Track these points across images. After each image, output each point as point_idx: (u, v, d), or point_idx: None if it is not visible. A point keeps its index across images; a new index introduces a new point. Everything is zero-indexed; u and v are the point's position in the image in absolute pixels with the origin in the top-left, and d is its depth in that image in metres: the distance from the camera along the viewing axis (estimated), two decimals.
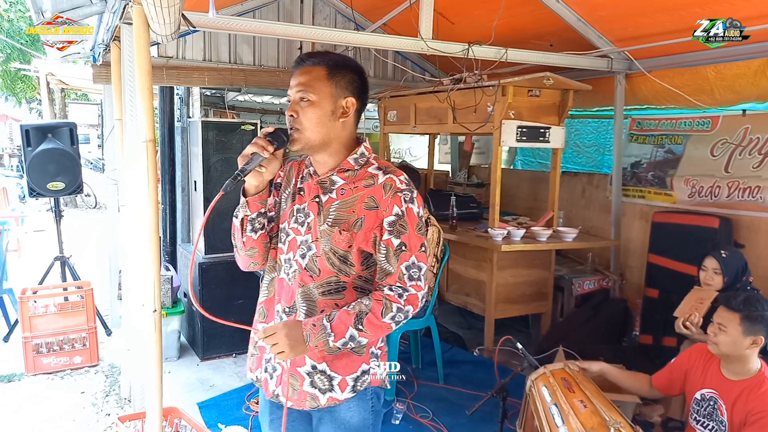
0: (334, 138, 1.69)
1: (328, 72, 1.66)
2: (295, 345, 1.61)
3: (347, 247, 1.66)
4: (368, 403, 1.76)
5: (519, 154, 6.88)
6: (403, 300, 1.63)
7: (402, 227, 1.64)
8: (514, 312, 4.63)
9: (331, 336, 1.60)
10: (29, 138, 4.53)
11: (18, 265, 6.58)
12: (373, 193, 1.65)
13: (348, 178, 1.70)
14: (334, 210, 1.68)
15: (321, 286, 1.69)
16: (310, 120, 1.65)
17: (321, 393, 1.71)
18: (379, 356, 1.78)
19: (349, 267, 1.68)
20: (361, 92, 1.72)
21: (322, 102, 1.64)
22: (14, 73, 16.08)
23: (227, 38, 5.08)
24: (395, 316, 1.63)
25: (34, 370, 4.15)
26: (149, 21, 2.10)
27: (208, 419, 3.49)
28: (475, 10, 4.42)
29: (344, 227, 1.66)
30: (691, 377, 2.62)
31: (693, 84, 3.97)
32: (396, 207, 1.63)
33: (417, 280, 1.65)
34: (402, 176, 1.68)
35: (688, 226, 4.10)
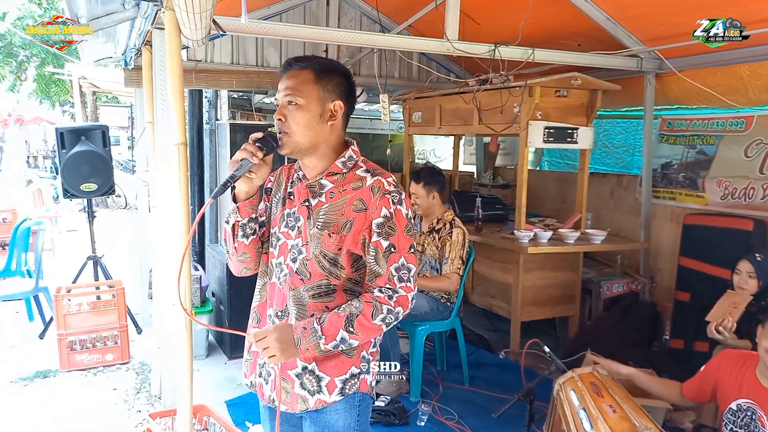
0: (322, 141, 1.70)
1: (316, 76, 1.67)
2: (286, 348, 1.62)
3: (337, 249, 1.67)
4: (355, 410, 1.75)
5: (546, 155, 6.81)
6: (393, 301, 1.63)
7: (391, 229, 1.64)
8: (540, 315, 4.58)
9: (321, 339, 1.60)
10: (64, 140, 4.64)
11: (52, 264, 6.75)
12: (362, 195, 1.66)
13: (337, 182, 1.71)
14: (323, 213, 1.69)
15: (311, 289, 1.70)
16: (298, 123, 1.66)
17: (310, 395, 1.72)
18: (370, 362, 1.78)
19: (339, 270, 1.69)
20: (348, 95, 1.73)
21: (309, 105, 1.66)
22: (48, 77, 16.51)
23: (254, 42, 5.13)
24: (385, 318, 1.63)
25: (69, 366, 4.25)
26: (181, 26, 2.14)
27: (235, 417, 3.54)
28: (501, 10, 4.40)
29: (333, 230, 1.67)
30: (723, 386, 2.53)
31: (726, 83, 3.89)
32: (384, 209, 1.64)
33: (407, 281, 1.66)
34: (390, 178, 1.69)
35: (720, 228, 4.02)
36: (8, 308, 5.38)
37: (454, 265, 3.73)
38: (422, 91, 5.43)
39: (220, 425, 2.83)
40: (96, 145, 4.73)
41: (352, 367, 1.72)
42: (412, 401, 3.73)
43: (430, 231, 3.91)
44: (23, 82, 17.44)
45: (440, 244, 3.83)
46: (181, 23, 2.09)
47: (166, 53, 2.18)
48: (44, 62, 16.20)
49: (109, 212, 12.29)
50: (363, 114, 7.56)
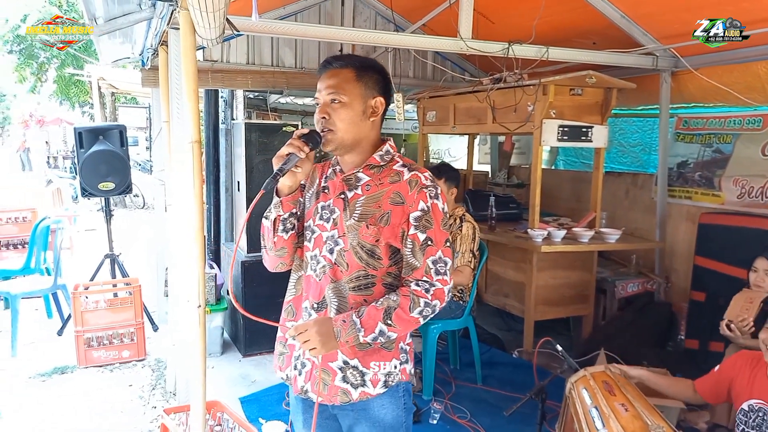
0: (364, 137, 1.74)
1: (357, 73, 1.71)
2: (327, 341, 1.65)
3: (374, 241, 1.70)
4: (400, 400, 1.79)
5: (561, 154, 6.78)
6: (430, 294, 1.66)
7: (428, 222, 1.67)
8: (554, 314, 4.57)
9: (361, 331, 1.64)
10: (82, 140, 4.71)
11: (71, 263, 6.85)
12: (399, 189, 1.69)
13: (373, 175, 1.74)
14: (360, 205, 1.72)
15: (351, 281, 1.72)
16: (342, 121, 1.70)
17: (353, 388, 1.74)
18: (407, 352, 1.82)
19: (377, 261, 1.71)
20: (386, 92, 1.77)
21: (353, 103, 1.70)
22: (68, 78, 16.76)
23: (269, 42, 5.17)
24: (423, 311, 1.66)
25: (86, 362, 4.31)
26: (195, 26, 2.16)
27: (249, 414, 3.57)
28: (515, 9, 4.39)
29: (371, 222, 1.69)
30: (737, 386, 2.52)
31: (743, 81, 3.85)
32: (422, 202, 1.67)
33: (443, 274, 1.69)
34: (426, 173, 1.72)
35: (737, 227, 3.98)
36: (28, 305, 5.47)
37: (465, 258, 3.73)
38: (436, 91, 5.44)
39: (233, 421, 2.87)
40: (114, 144, 4.79)
41: (393, 359, 1.76)
42: (425, 399, 3.74)
43: None
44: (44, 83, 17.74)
45: (451, 239, 3.83)
46: (195, 23, 2.12)
47: (181, 52, 2.21)
48: (64, 64, 16.47)
49: (128, 212, 12.44)
50: None
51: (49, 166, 18.81)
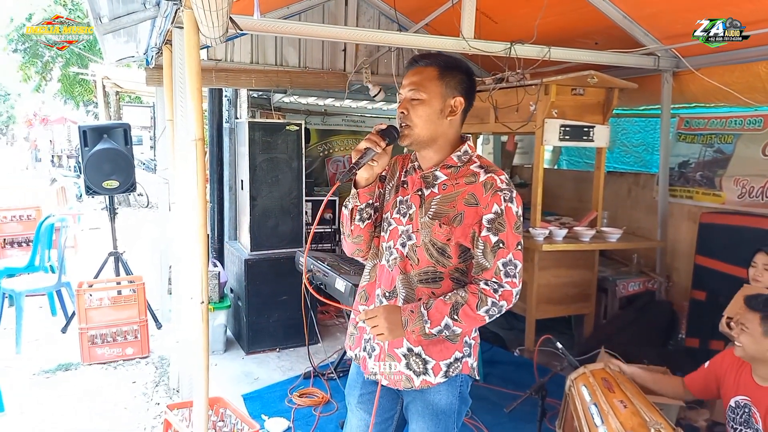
0: (440, 135, 1.79)
1: (440, 72, 1.76)
2: (394, 328, 1.73)
3: (446, 240, 1.74)
4: (457, 389, 1.84)
5: (564, 154, 6.79)
6: (498, 295, 1.70)
7: (500, 225, 1.70)
8: (555, 313, 4.58)
9: (427, 323, 1.70)
10: (86, 138, 4.74)
11: (75, 261, 6.88)
12: (474, 190, 1.73)
13: (450, 175, 1.79)
14: (435, 204, 1.77)
15: (419, 274, 1.79)
16: (420, 117, 1.75)
17: (415, 375, 1.81)
18: (472, 346, 1.86)
19: (447, 259, 1.76)
20: (469, 92, 1.80)
21: (431, 100, 1.75)
22: (73, 77, 16.83)
23: (273, 41, 5.19)
24: (489, 310, 1.71)
25: (89, 359, 4.34)
26: (199, 24, 2.19)
27: (252, 410, 3.60)
28: (518, 9, 4.41)
29: (444, 221, 1.74)
30: (725, 384, 2.57)
31: (744, 81, 3.85)
32: (496, 205, 1.70)
33: (512, 276, 1.72)
34: (503, 176, 1.74)
35: (737, 227, 3.99)
36: (32, 303, 5.50)
37: None
38: None
39: (235, 417, 2.89)
40: (118, 142, 4.82)
41: (456, 351, 1.81)
42: None
43: None
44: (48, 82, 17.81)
45: None
46: (199, 21, 2.14)
47: (185, 51, 2.23)
48: (69, 63, 16.54)
49: (132, 210, 12.48)
50: (382, 113, 7.61)
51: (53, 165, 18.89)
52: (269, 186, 4.52)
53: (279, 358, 4.44)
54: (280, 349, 4.55)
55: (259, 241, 4.55)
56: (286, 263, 4.46)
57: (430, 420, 1.84)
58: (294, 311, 4.43)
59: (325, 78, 5.35)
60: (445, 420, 1.84)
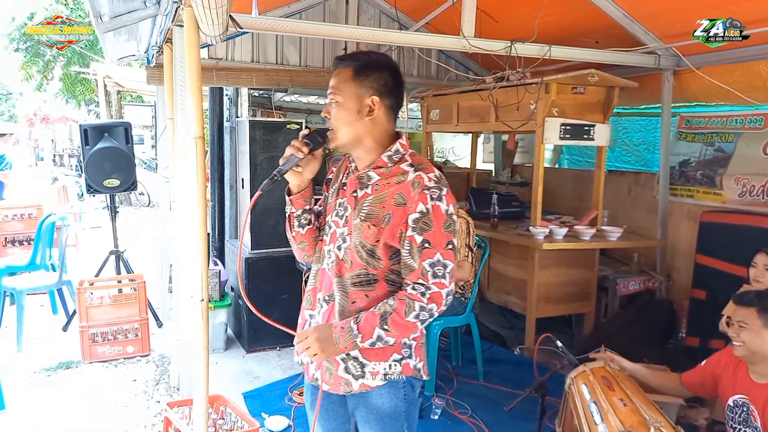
0: (365, 135, 1.75)
1: (354, 73, 1.73)
2: (326, 347, 1.72)
3: (374, 241, 1.71)
4: (400, 392, 1.80)
5: (565, 153, 6.79)
6: (426, 298, 1.66)
7: (426, 224, 1.66)
8: (555, 311, 4.58)
9: (358, 337, 1.68)
10: (87, 137, 4.75)
11: (76, 260, 6.89)
12: (402, 189, 1.69)
13: (383, 174, 1.75)
14: (367, 205, 1.74)
15: (353, 277, 1.76)
16: (338, 120, 1.74)
17: (354, 379, 1.78)
18: (413, 347, 1.81)
19: (377, 261, 1.73)
20: (389, 89, 1.76)
21: (347, 102, 1.73)
22: (74, 76, 16.84)
23: (274, 40, 5.20)
24: (419, 315, 1.66)
25: (90, 358, 4.35)
26: (199, 22, 2.19)
27: (252, 409, 3.60)
28: (519, 8, 4.41)
29: (374, 222, 1.71)
30: (722, 383, 2.57)
31: (744, 80, 3.86)
32: (421, 204, 1.66)
33: (441, 277, 1.66)
34: (432, 174, 1.70)
35: (738, 226, 3.99)
36: (33, 301, 5.51)
37: (460, 253, 3.75)
38: (439, 89, 5.46)
39: (236, 415, 2.90)
40: (119, 141, 4.83)
41: (394, 353, 1.77)
42: (427, 395, 3.76)
43: None
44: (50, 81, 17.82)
45: None
46: (199, 19, 2.15)
47: (185, 49, 2.23)
48: (70, 62, 16.55)
49: (133, 209, 12.49)
50: None
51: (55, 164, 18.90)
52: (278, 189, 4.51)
53: (279, 357, 4.45)
54: (280, 348, 4.56)
55: (260, 239, 4.55)
56: (286, 262, 4.46)
57: (376, 425, 1.82)
58: (294, 310, 4.34)
59: (326, 77, 5.26)
60: (392, 424, 1.81)
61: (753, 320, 2.38)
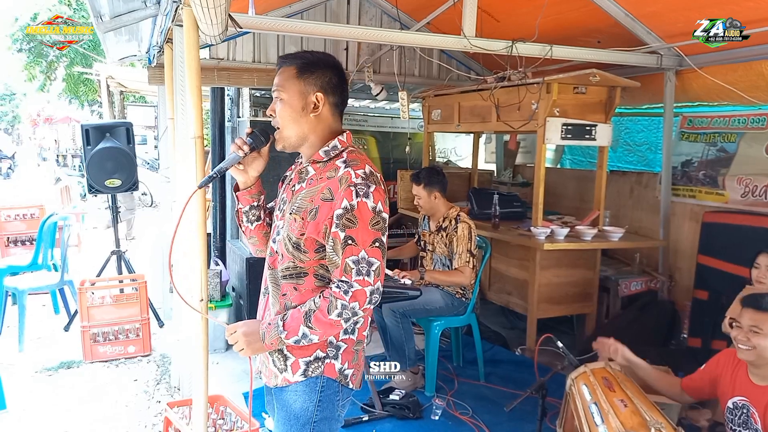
0: (309, 132, 1.76)
1: (298, 70, 1.73)
2: (252, 342, 1.73)
3: (299, 234, 1.70)
4: (315, 394, 1.76)
5: (567, 154, 6.77)
6: (348, 296, 1.63)
7: (350, 221, 1.63)
8: (557, 312, 4.57)
9: (283, 333, 1.67)
10: (89, 137, 4.76)
11: (78, 260, 6.90)
12: (331, 185, 1.68)
13: (318, 170, 1.76)
14: (300, 198, 1.74)
15: (283, 270, 1.76)
16: (283, 118, 1.75)
17: (279, 372, 1.78)
18: (340, 350, 1.77)
19: (303, 254, 1.71)
20: (333, 86, 1.77)
21: (291, 100, 1.73)
22: (77, 76, 16.87)
23: (275, 40, 5.19)
24: (342, 313, 1.64)
25: (92, 357, 4.35)
26: (198, 22, 2.19)
27: (253, 408, 3.58)
28: (520, 7, 4.40)
29: (302, 215, 1.70)
30: (721, 385, 2.54)
31: (747, 80, 3.83)
32: (346, 200, 1.63)
33: (365, 275, 1.63)
34: (361, 170, 1.67)
35: (740, 226, 3.97)
36: (35, 301, 5.52)
37: (462, 258, 3.75)
38: (440, 89, 5.45)
39: (236, 415, 2.90)
40: (120, 141, 4.83)
41: (317, 350, 1.75)
42: (427, 396, 3.76)
43: (438, 230, 3.95)
44: (53, 82, 17.85)
45: (448, 241, 3.86)
46: (198, 19, 2.14)
47: (185, 48, 2.23)
48: (73, 62, 16.58)
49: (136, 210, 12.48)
50: (384, 112, 7.60)
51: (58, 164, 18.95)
52: (271, 185, 4.50)
53: None
54: None
55: None
56: None
57: (283, 423, 1.80)
58: None
59: None
60: (297, 426, 1.76)
61: None
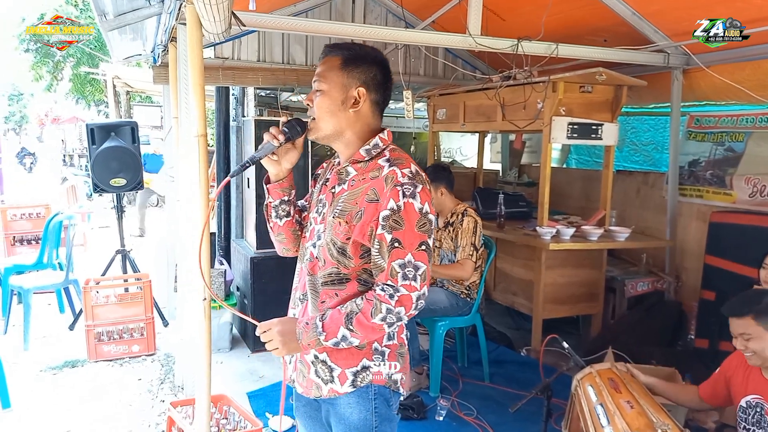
0: (346, 127, 1.69)
1: (343, 62, 1.67)
2: (288, 342, 1.64)
3: (345, 239, 1.63)
4: (370, 403, 1.70)
5: (573, 153, 6.74)
6: (393, 301, 1.55)
7: (396, 222, 1.56)
8: (562, 312, 4.54)
9: (322, 335, 1.59)
10: (94, 136, 4.76)
11: (83, 259, 6.92)
12: (376, 185, 1.60)
13: (360, 170, 1.68)
14: (342, 201, 1.66)
15: (324, 276, 1.68)
16: (321, 109, 1.67)
17: (323, 383, 1.71)
18: (385, 355, 1.71)
19: (348, 259, 1.65)
20: (377, 83, 1.69)
21: (332, 91, 1.66)
22: (83, 76, 16.94)
23: (280, 39, 5.19)
24: (386, 318, 1.56)
25: (96, 357, 4.35)
26: (201, 19, 2.18)
27: (256, 408, 3.59)
28: (525, 5, 4.38)
29: (347, 219, 1.62)
30: (734, 384, 2.52)
31: (755, 79, 3.79)
32: (392, 201, 1.56)
33: (412, 279, 1.56)
34: (407, 169, 1.60)
35: (748, 226, 3.94)
36: (40, 300, 5.53)
37: (465, 251, 3.71)
38: (445, 88, 5.43)
39: (239, 414, 2.88)
40: (125, 140, 4.83)
41: (363, 359, 1.68)
42: (432, 396, 3.74)
43: (446, 225, 3.93)
44: (59, 82, 17.93)
45: (454, 236, 3.84)
46: (201, 16, 2.13)
47: (188, 46, 2.22)
48: (79, 62, 16.64)
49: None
50: (389, 112, 7.60)
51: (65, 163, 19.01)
52: None
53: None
54: None
55: (266, 239, 4.48)
56: (292, 261, 4.42)
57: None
58: None
59: None
60: None
61: (753, 328, 2.32)
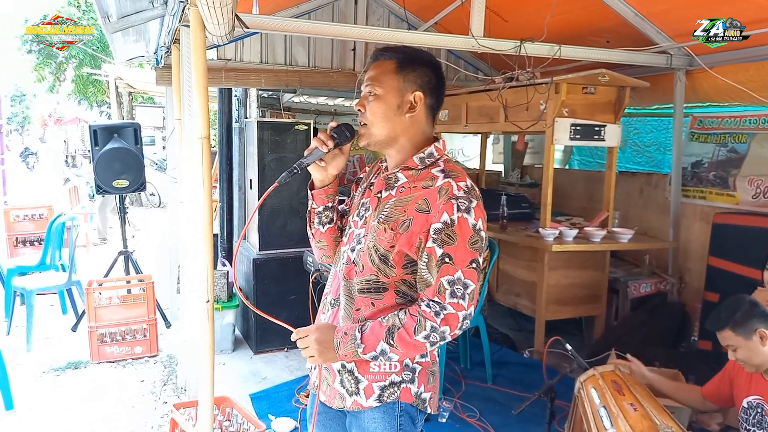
0: (400, 133, 1.64)
1: (398, 66, 1.62)
2: (324, 351, 1.59)
3: (389, 246, 1.57)
4: (395, 420, 1.64)
5: (576, 154, 6.73)
6: (439, 319, 1.49)
7: (449, 237, 1.50)
8: (565, 314, 4.53)
9: (360, 347, 1.54)
10: (97, 137, 4.77)
11: (86, 260, 6.93)
12: (428, 195, 1.55)
13: (411, 177, 1.62)
14: (389, 207, 1.61)
15: (361, 282, 1.63)
16: (375, 114, 1.62)
17: (348, 394, 1.66)
18: (416, 372, 1.65)
19: (389, 268, 1.59)
20: (432, 87, 1.65)
21: (387, 96, 1.61)
22: (86, 77, 16.97)
23: (283, 41, 5.19)
24: (429, 336, 1.50)
25: (99, 358, 4.36)
26: (204, 22, 2.19)
27: (259, 410, 3.59)
28: (528, 6, 4.37)
29: (392, 226, 1.57)
30: (737, 385, 2.53)
31: (759, 80, 3.78)
32: (446, 214, 1.50)
33: (460, 298, 1.50)
34: (463, 183, 1.54)
35: (751, 227, 3.93)
36: (43, 301, 5.54)
37: None
38: (448, 89, 5.39)
39: (242, 416, 2.88)
40: (128, 142, 4.84)
41: (393, 375, 1.62)
42: None
43: None
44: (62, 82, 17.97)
45: None
46: (204, 19, 2.14)
47: (191, 48, 2.23)
48: (82, 63, 16.68)
49: (144, 210, 12.55)
50: None
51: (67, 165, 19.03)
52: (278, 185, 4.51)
53: (287, 358, 4.44)
54: (288, 349, 4.54)
55: (268, 240, 4.55)
56: (294, 263, 4.45)
57: None
58: (302, 311, 4.40)
59: (335, 78, 5.34)
60: None
61: (733, 339, 2.39)
